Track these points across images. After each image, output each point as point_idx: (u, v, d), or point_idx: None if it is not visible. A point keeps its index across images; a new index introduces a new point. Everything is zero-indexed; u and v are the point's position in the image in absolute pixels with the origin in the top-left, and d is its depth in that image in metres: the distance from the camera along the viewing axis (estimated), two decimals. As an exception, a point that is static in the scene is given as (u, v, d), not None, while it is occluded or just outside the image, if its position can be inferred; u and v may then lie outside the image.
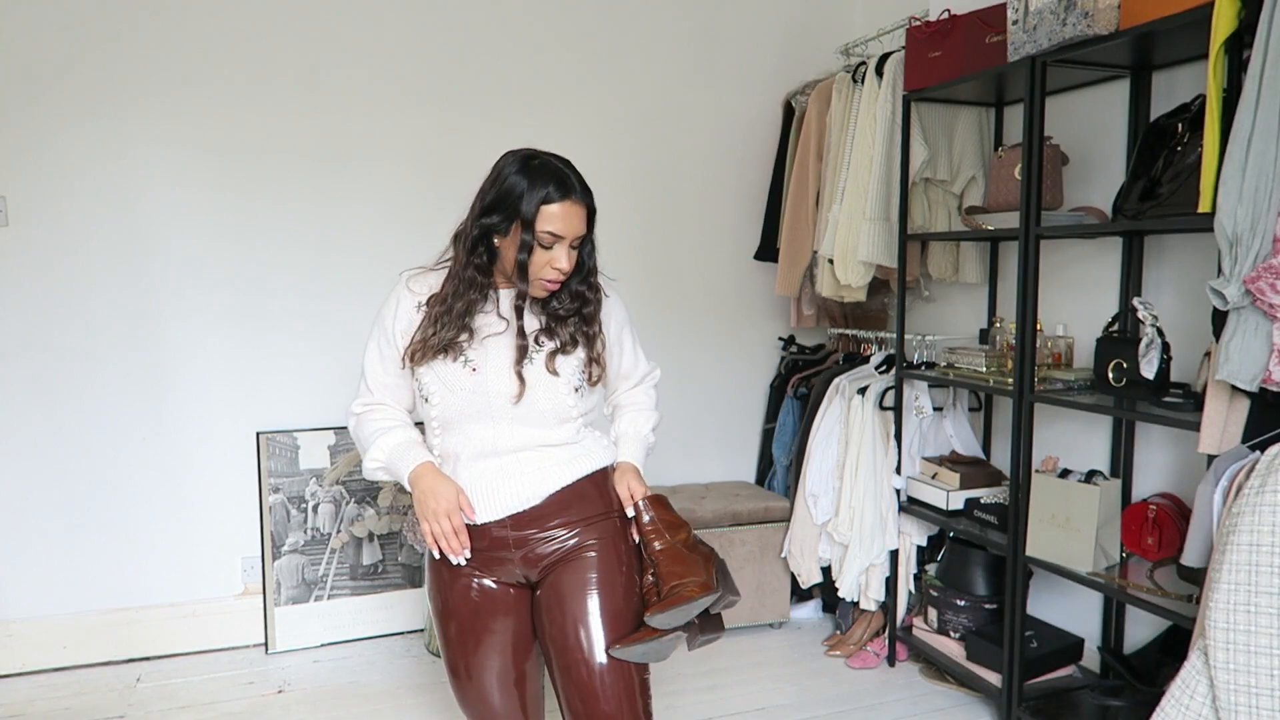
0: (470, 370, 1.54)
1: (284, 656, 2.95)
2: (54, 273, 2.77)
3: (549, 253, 1.52)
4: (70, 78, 2.72)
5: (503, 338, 1.56)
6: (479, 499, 1.55)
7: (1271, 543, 1.57)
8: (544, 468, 1.57)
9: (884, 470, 2.84)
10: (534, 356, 1.56)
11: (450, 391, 1.54)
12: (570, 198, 1.52)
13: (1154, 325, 2.09)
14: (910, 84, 2.69)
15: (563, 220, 1.51)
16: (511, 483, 1.55)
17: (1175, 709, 1.68)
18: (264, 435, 2.97)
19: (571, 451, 1.60)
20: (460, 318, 1.54)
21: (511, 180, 1.53)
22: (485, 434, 1.55)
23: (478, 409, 1.54)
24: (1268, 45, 1.63)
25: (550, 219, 1.50)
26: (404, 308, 1.62)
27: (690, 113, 3.40)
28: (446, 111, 3.11)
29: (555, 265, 1.52)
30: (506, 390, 1.53)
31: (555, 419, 1.57)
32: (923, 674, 2.82)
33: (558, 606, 1.55)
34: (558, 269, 1.53)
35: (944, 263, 2.98)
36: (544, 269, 1.53)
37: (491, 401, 1.54)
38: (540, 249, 1.52)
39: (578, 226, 1.53)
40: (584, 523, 1.58)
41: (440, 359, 1.54)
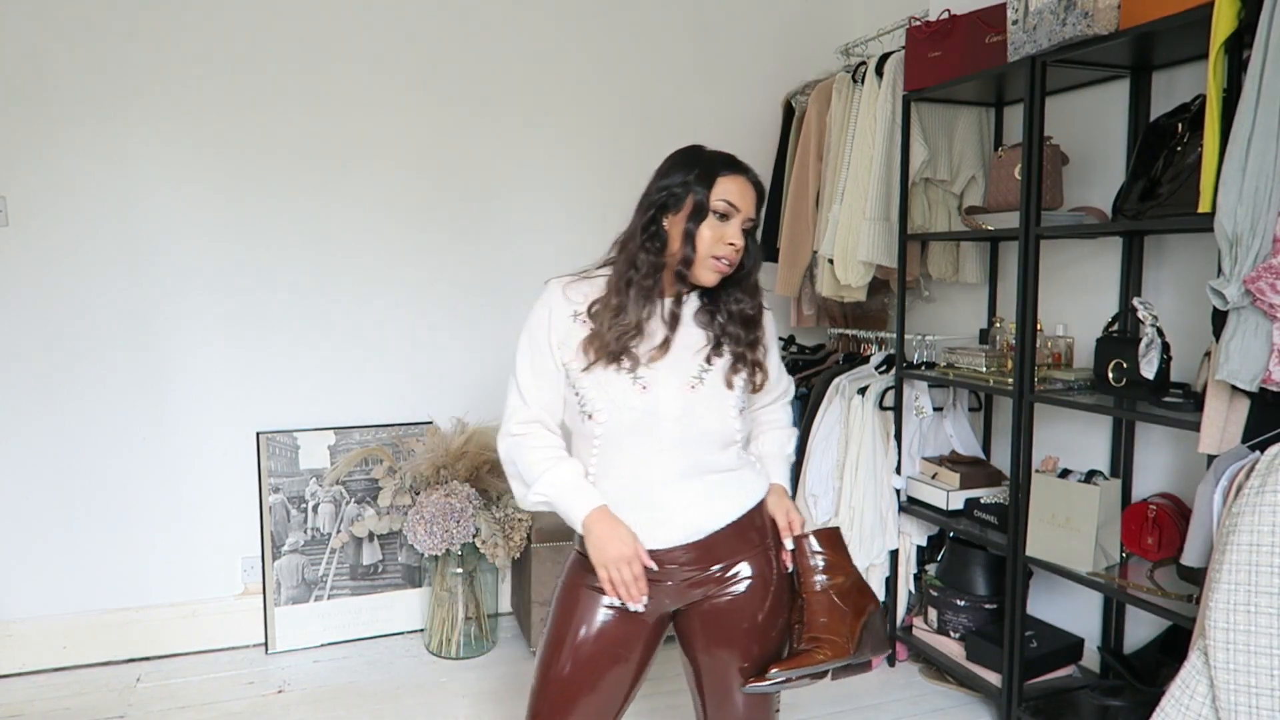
0: (640, 388, 1.47)
1: (284, 656, 2.95)
2: (54, 273, 2.77)
3: (723, 226, 1.47)
4: (70, 78, 2.72)
5: (671, 353, 1.50)
6: (642, 529, 1.49)
7: (1271, 543, 1.57)
8: (711, 500, 1.51)
9: (884, 470, 2.84)
10: (704, 376, 1.50)
11: (618, 410, 1.47)
12: (746, 175, 1.50)
13: (1154, 325, 2.09)
14: (910, 84, 2.69)
15: (739, 193, 1.48)
16: (678, 516, 1.49)
17: (1175, 709, 1.68)
18: (264, 435, 2.97)
19: (736, 480, 1.55)
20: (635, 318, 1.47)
21: (686, 155, 1.52)
22: (650, 457, 1.49)
23: (646, 429, 1.47)
24: (1268, 45, 1.63)
25: (726, 188, 1.47)
26: (558, 316, 1.52)
27: (690, 113, 3.40)
28: (447, 111, 3.11)
29: (728, 240, 1.47)
30: (676, 412, 1.47)
31: (721, 443, 1.52)
32: (923, 674, 2.82)
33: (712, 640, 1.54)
34: (731, 245, 1.47)
35: (944, 263, 2.98)
36: (716, 244, 1.47)
37: (660, 423, 1.47)
38: (714, 220, 1.47)
39: (750, 205, 1.50)
40: (742, 557, 1.53)
41: (611, 370, 1.47)
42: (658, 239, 1.49)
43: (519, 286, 3.26)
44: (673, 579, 1.51)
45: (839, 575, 1.56)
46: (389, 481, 2.99)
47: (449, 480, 2.86)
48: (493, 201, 3.20)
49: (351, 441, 3.06)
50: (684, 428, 1.48)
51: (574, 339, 1.50)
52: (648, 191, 1.53)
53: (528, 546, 2.89)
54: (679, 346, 1.51)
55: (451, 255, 3.17)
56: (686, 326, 1.53)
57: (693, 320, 1.54)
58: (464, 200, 3.17)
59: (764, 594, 1.54)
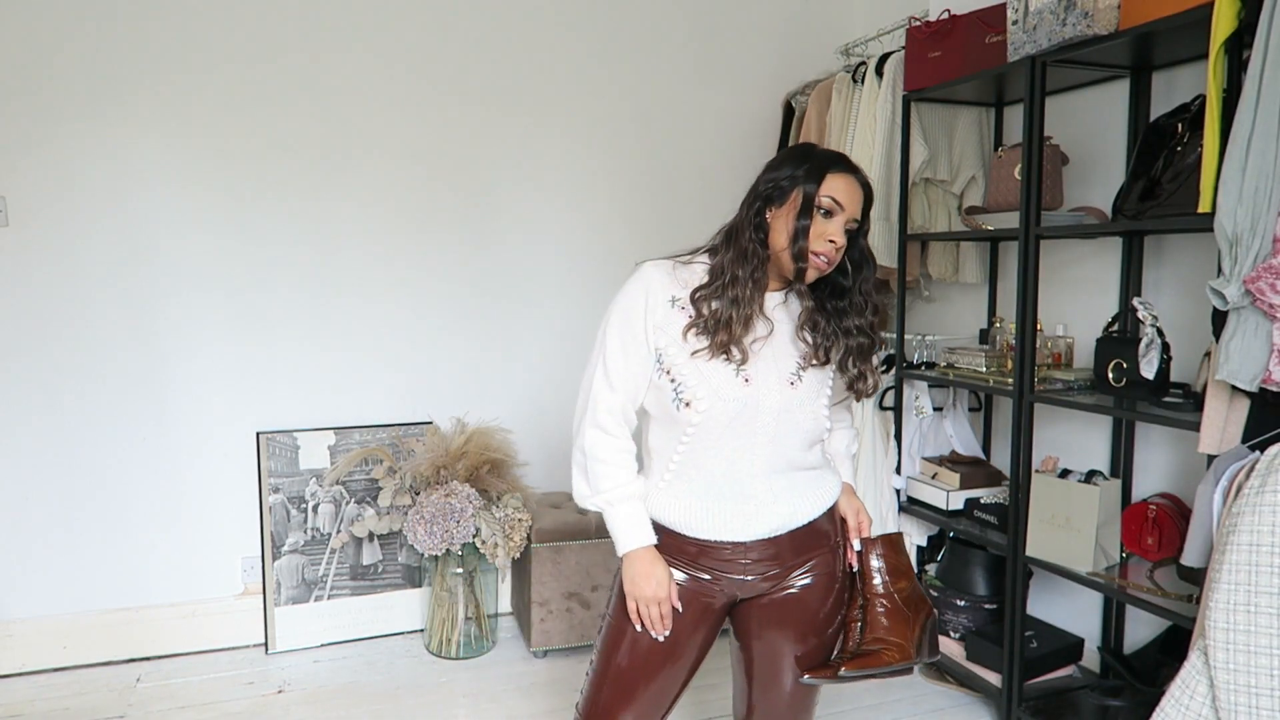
0: (744, 380, 1.45)
1: (284, 656, 2.95)
2: (54, 273, 2.77)
3: (827, 223, 1.45)
4: (70, 77, 2.72)
5: (772, 345, 1.49)
6: (728, 521, 1.50)
7: (1271, 543, 1.57)
8: (794, 498, 1.53)
9: (884, 470, 2.84)
10: (802, 375, 1.50)
11: (720, 401, 1.45)
12: (856, 175, 1.49)
13: (1154, 325, 2.09)
14: (910, 84, 2.69)
15: (846, 190, 1.46)
16: (765, 510, 1.50)
17: (1175, 709, 1.68)
18: (264, 435, 2.97)
19: (818, 479, 1.57)
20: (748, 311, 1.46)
21: (798, 151, 1.51)
22: (743, 450, 1.48)
23: (744, 422, 1.47)
24: (1268, 45, 1.63)
25: (834, 185, 1.45)
26: (656, 299, 1.49)
27: (690, 112, 3.40)
28: (447, 111, 3.11)
29: (829, 237, 1.45)
30: (775, 407, 1.47)
31: (810, 440, 1.53)
32: (923, 674, 2.82)
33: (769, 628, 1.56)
34: (832, 242, 1.45)
35: (944, 263, 2.98)
36: (817, 240, 1.45)
37: (759, 417, 1.47)
38: (819, 216, 1.45)
39: (856, 205, 1.48)
40: (812, 554, 1.56)
41: (718, 360, 1.45)
42: (761, 230, 1.48)
43: (519, 286, 3.26)
44: (743, 573, 1.53)
45: (902, 580, 1.59)
46: (389, 481, 2.99)
47: (449, 480, 2.86)
48: (493, 201, 3.20)
49: (351, 441, 3.06)
50: (779, 423, 1.48)
51: (672, 325, 1.48)
52: (755, 184, 1.53)
53: (528, 546, 2.89)
54: (782, 341, 1.51)
55: (452, 255, 3.17)
56: (789, 324, 1.53)
57: (796, 320, 1.53)
58: (464, 199, 3.17)
59: (828, 590, 1.57)
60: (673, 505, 1.53)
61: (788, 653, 1.56)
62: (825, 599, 1.57)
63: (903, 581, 1.59)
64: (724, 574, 1.53)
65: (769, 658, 1.58)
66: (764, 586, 1.55)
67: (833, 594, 1.58)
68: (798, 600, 1.55)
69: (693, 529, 1.52)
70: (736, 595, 1.56)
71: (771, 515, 1.51)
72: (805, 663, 1.56)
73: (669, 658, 1.53)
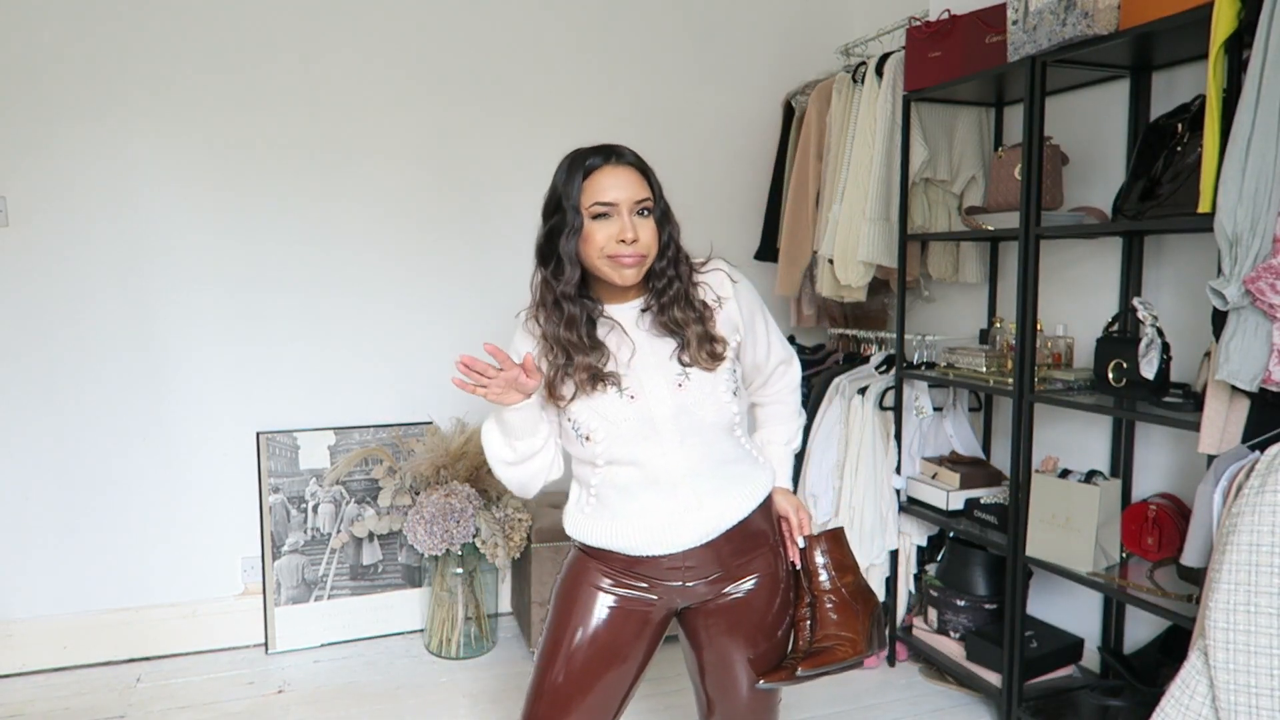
0: (629, 398, 1.45)
1: (284, 656, 2.95)
2: (54, 273, 2.77)
3: (609, 225, 1.41)
4: (70, 77, 2.72)
5: (642, 356, 1.47)
6: (656, 534, 1.49)
7: (1271, 543, 1.57)
8: (721, 497, 1.50)
9: (884, 470, 2.84)
10: (688, 371, 1.47)
11: (613, 424, 1.46)
12: (609, 162, 1.44)
13: (1154, 325, 2.09)
14: (910, 84, 2.69)
15: (609, 186, 1.42)
16: (690, 515, 1.48)
17: (1175, 709, 1.68)
18: (264, 435, 2.97)
19: (744, 475, 1.54)
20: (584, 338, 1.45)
21: (557, 177, 1.47)
22: (655, 460, 1.47)
23: (644, 435, 1.46)
24: (1267, 45, 1.63)
25: (595, 190, 1.42)
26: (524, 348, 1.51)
27: (690, 112, 3.40)
28: (446, 110, 3.11)
29: (621, 237, 1.40)
30: (669, 412, 1.46)
31: (721, 429, 1.50)
32: (923, 674, 2.82)
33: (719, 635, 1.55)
34: (623, 239, 1.41)
35: (944, 263, 2.98)
36: (610, 244, 1.41)
37: (657, 426, 1.46)
38: (599, 225, 1.41)
39: (630, 190, 1.42)
40: (752, 555, 1.54)
41: (597, 392, 1.45)
42: (561, 265, 1.44)
43: (519, 286, 3.23)
44: (685, 579, 1.52)
45: (848, 575, 1.59)
46: (389, 481, 2.99)
47: (449, 480, 2.86)
48: (493, 201, 3.20)
49: (351, 441, 3.06)
50: (680, 424, 1.47)
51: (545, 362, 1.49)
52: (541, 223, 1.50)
53: (528, 546, 2.89)
54: (651, 349, 1.48)
55: (452, 255, 3.17)
56: (647, 328, 1.49)
57: (649, 320, 1.49)
58: (464, 200, 3.17)
59: (773, 592, 1.56)
60: (602, 529, 1.52)
61: (740, 659, 1.55)
62: (772, 601, 1.56)
63: (849, 575, 1.59)
64: (662, 582, 1.51)
65: (722, 665, 1.57)
66: (707, 593, 1.53)
67: (779, 595, 1.57)
68: (744, 604, 1.54)
69: (626, 548, 1.50)
70: (678, 603, 1.55)
71: (699, 520, 1.49)
72: (759, 665, 1.55)
73: (608, 666, 1.51)
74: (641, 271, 1.46)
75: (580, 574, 1.55)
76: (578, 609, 1.52)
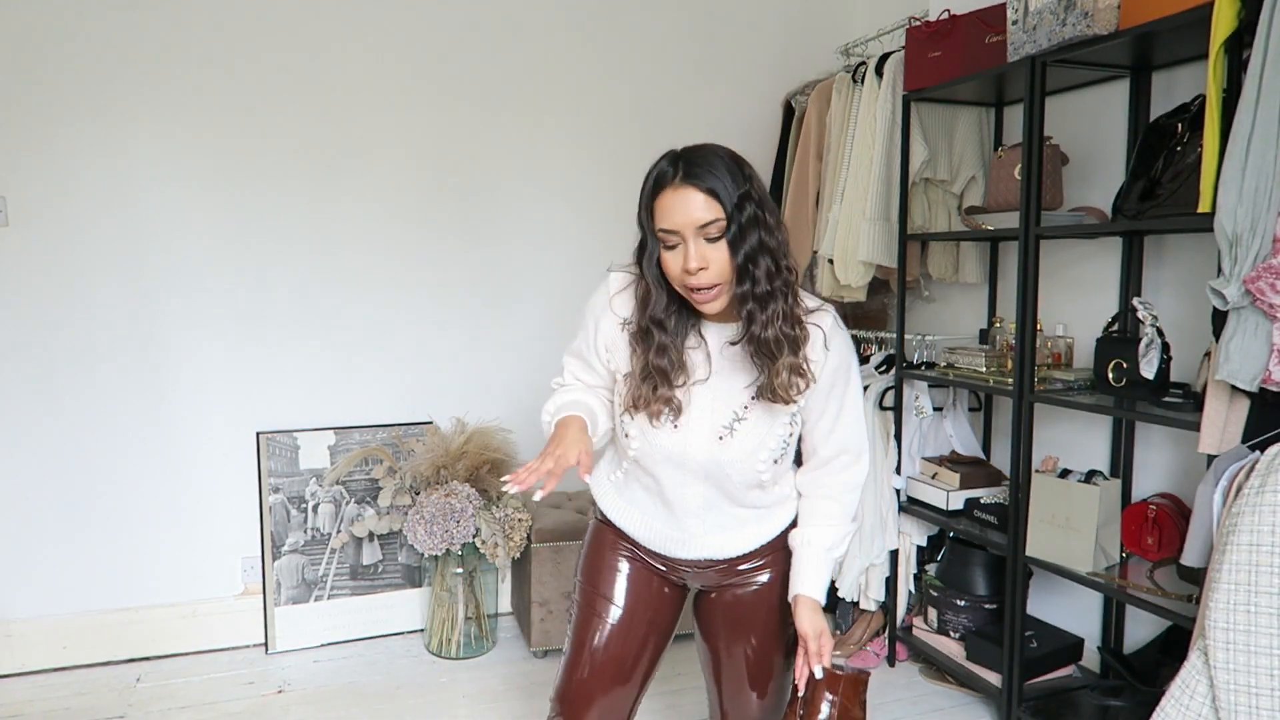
0: (673, 426, 1.42)
1: (284, 656, 2.95)
2: (54, 273, 2.77)
3: (674, 255, 1.31)
4: (70, 77, 2.72)
5: (707, 391, 1.41)
6: (665, 544, 1.51)
7: (1271, 543, 1.57)
8: (726, 534, 1.50)
9: (884, 470, 2.84)
10: (735, 426, 1.41)
11: (650, 444, 1.44)
12: (670, 184, 1.30)
13: (1154, 325, 2.09)
14: (910, 84, 2.69)
15: (669, 211, 1.29)
16: (695, 542, 1.50)
17: (1175, 709, 1.68)
18: (264, 435, 2.97)
19: (760, 516, 1.52)
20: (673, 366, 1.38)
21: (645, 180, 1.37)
22: (675, 488, 1.47)
23: (674, 463, 1.45)
24: (1268, 45, 1.63)
25: (660, 214, 1.31)
26: (606, 324, 1.46)
27: (690, 113, 3.40)
28: (448, 111, 3.11)
29: (686, 267, 1.29)
30: (702, 458, 1.42)
31: (747, 485, 1.46)
32: (923, 674, 2.82)
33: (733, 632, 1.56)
34: (686, 270, 1.30)
35: (944, 263, 2.98)
36: (676, 272, 1.32)
37: (687, 463, 1.44)
38: (670, 254, 1.32)
39: (692, 214, 1.28)
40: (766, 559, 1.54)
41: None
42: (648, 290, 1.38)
43: (519, 286, 3.26)
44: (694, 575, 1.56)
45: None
46: (389, 481, 2.99)
47: (449, 480, 2.86)
48: (493, 200, 3.20)
49: (351, 441, 3.06)
50: (710, 472, 1.45)
51: (621, 348, 1.45)
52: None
53: (528, 546, 2.89)
54: (723, 382, 1.42)
55: (452, 254, 3.17)
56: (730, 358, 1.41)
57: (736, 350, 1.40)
58: (464, 199, 3.17)
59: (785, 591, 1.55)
60: (618, 509, 1.56)
61: (753, 657, 1.55)
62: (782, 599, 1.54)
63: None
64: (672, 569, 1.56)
65: (735, 663, 1.57)
66: (719, 580, 1.56)
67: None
68: (757, 599, 1.54)
69: (634, 535, 1.54)
70: (692, 584, 1.59)
71: (702, 546, 1.51)
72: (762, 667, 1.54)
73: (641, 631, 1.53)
74: (725, 300, 1.34)
75: (601, 545, 1.58)
76: (603, 580, 1.55)
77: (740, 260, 1.30)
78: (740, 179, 1.32)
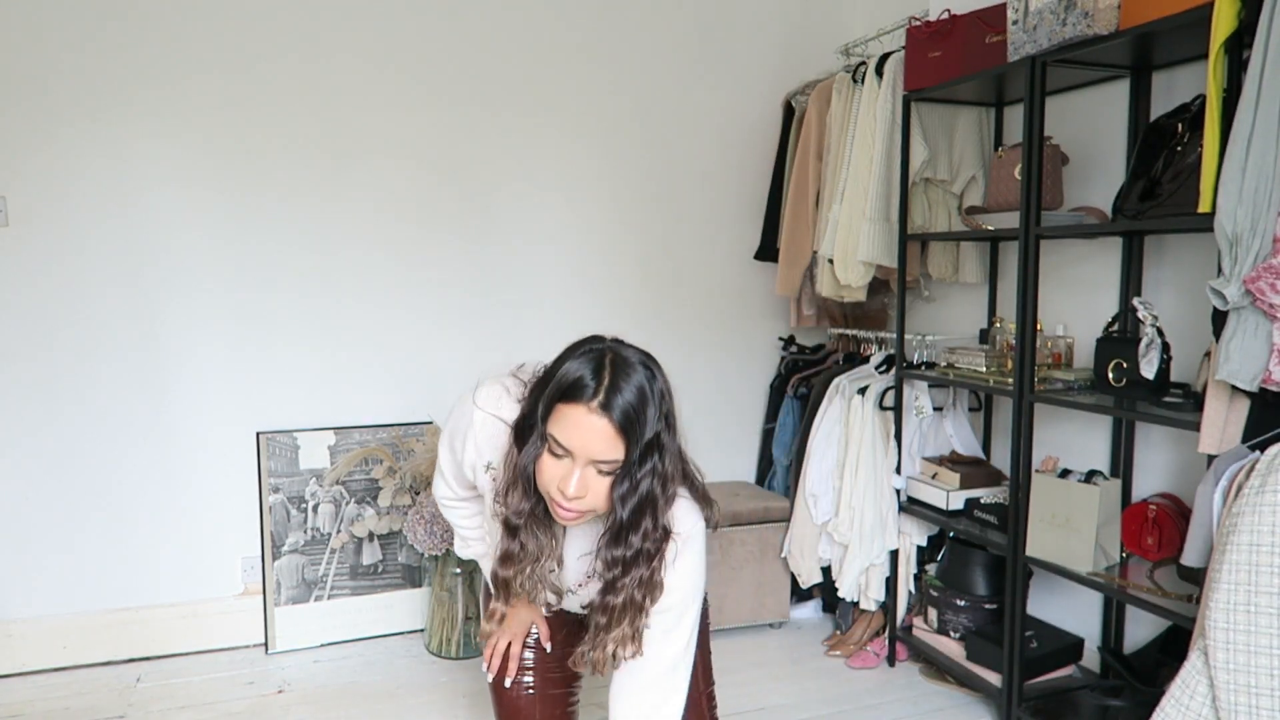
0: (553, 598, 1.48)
1: (284, 656, 2.95)
2: (54, 273, 2.77)
3: (557, 464, 1.21)
4: (70, 78, 2.72)
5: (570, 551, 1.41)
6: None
7: (1271, 543, 1.57)
8: None
9: (884, 470, 2.84)
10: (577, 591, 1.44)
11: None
12: (585, 402, 1.17)
13: (1154, 325, 2.09)
14: (910, 84, 2.69)
15: (571, 429, 1.18)
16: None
17: (1175, 709, 1.68)
18: (264, 435, 2.97)
19: None
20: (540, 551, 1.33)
21: (550, 369, 1.28)
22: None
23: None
24: (1268, 45, 1.63)
25: (559, 425, 1.20)
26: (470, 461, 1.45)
27: (690, 113, 3.40)
28: (447, 111, 3.11)
29: (560, 485, 1.20)
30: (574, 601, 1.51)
31: None
32: (923, 674, 2.82)
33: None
34: (561, 490, 1.20)
35: (944, 263, 2.98)
36: (550, 484, 1.22)
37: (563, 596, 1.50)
38: (550, 455, 1.22)
39: (593, 447, 1.18)
40: None
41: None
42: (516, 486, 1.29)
43: (519, 285, 3.26)
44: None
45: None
46: (389, 481, 2.99)
47: (449, 480, 2.86)
48: (494, 201, 3.20)
49: (351, 441, 3.06)
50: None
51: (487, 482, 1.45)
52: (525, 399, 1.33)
53: (528, 546, 2.89)
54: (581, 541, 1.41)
55: (452, 254, 3.17)
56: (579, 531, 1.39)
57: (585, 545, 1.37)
58: (465, 199, 3.17)
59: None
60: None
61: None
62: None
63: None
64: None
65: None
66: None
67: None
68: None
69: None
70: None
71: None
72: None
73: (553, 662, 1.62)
74: (586, 520, 1.28)
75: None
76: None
77: (625, 514, 1.22)
78: (658, 417, 1.22)
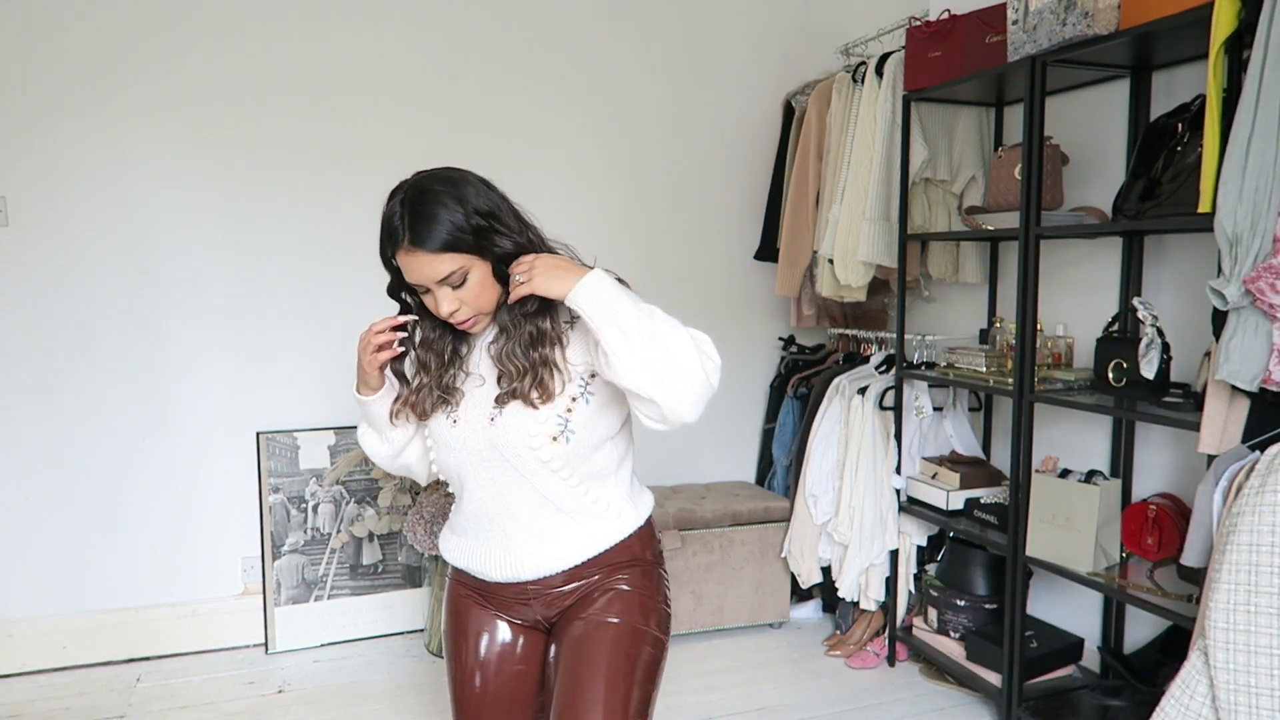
0: (452, 423, 1.42)
1: (284, 656, 2.95)
2: (54, 273, 2.77)
3: (428, 297, 1.37)
4: (70, 77, 2.72)
5: (480, 388, 1.42)
6: (490, 561, 1.45)
7: (1271, 543, 1.57)
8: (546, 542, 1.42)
9: (884, 470, 2.84)
10: (504, 407, 1.37)
11: (442, 449, 1.44)
12: (401, 248, 1.32)
13: (1154, 325, 2.09)
14: (910, 84, 2.69)
15: (408, 270, 1.34)
16: (515, 555, 1.43)
17: (1175, 709, 1.68)
18: (264, 435, 2.97)
19: (584, 525, 1.43)
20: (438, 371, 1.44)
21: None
22: (485, 493, 1.42)
23: (471, 465, 1.42)
24: (1268, 45, 1.63)
25: (403, 270, 1.36)
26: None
27: (690, 113, 3.40)
28: (447, 112, 3.11)
29: (436, 312, 1.36)
30: (481, 445, 1.39)
31: (546, 472, 1.38)
32: (923, 674, 2.82)
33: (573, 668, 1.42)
34: (445, 313, 1.35)
35: (944, 263, 2.98)
36: (436, 314, 1.38)
37: (472, 458, 1.41)
38: (427, 298, 1.37)
39: (430, 272, 1.31)
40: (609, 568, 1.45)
41: (439, 412, 1.44)
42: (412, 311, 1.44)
43: (519, 286, 3.26)
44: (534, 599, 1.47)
45: None
46: (389, 481, 2.99)
47: (449, 480, 2.86)
48: (493, 201, 3.19)
49: (351, 441, 3.06)
50: (492, 462, 1.39)
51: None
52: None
53: (528, 546, 2.89)
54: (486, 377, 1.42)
55: (451, 255, 3.17)
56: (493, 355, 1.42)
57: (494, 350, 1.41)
58: (464, 200, 3.16)
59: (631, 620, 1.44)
60: (454, 545, 1.51)
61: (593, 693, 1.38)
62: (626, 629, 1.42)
63: None
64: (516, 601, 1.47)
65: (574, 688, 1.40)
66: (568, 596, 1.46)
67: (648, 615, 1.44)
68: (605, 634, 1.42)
69: (468, 567, 1.48)
70: (541, 618, 1.49)
71: (525, 557, 1.43)
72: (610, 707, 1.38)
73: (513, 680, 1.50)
74: (489, 319, 1.41)
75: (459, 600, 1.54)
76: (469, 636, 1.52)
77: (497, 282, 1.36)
78: (471, 216, 1.33)
